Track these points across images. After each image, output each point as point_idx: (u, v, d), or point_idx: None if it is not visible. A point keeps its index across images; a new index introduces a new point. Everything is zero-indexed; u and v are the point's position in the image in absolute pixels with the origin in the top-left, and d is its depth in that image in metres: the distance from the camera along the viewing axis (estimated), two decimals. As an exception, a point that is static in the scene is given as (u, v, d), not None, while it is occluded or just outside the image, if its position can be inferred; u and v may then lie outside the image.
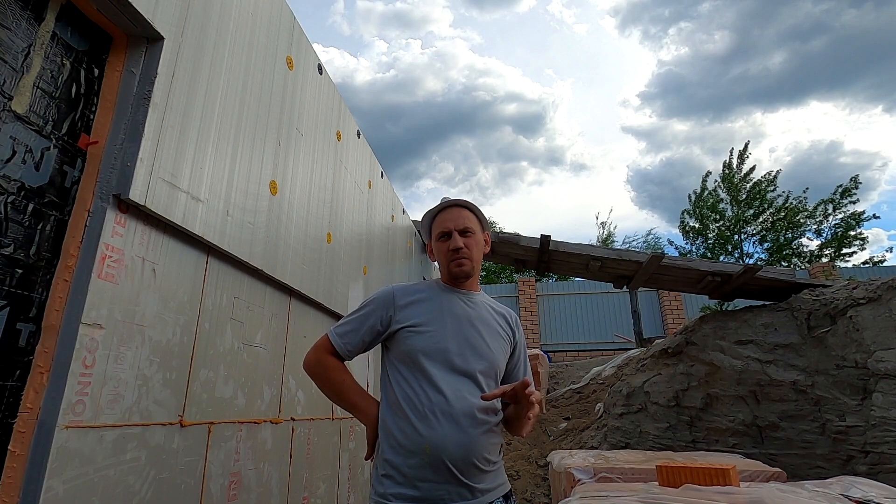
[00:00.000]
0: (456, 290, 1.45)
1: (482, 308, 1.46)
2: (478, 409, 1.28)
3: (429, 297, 1.42)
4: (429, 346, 1.32)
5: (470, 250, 1.43)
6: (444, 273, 1.47)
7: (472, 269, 1.44)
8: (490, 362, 1.37)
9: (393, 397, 1.31)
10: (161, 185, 1.53)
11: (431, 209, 1.54)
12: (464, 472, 1.22)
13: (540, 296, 12.05)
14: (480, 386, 1.32)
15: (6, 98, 1.25)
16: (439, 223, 1.48)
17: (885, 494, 1.54)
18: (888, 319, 2.99)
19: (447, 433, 1.23)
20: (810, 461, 3.10)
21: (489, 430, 1.31)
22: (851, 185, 12.24)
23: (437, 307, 1.39)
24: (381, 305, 1.39)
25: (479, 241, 1.49)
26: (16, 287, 1.25)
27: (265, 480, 2.10)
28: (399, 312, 1.38)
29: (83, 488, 1.26)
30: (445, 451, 1.22)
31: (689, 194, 14.21)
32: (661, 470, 1.72)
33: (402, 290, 1.42)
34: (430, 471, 1.21)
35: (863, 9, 33.06)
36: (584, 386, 5.91)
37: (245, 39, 2.07)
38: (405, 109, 56.87)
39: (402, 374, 1.32)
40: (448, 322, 1.36)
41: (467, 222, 1.46)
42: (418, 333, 1.33)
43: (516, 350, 1.52)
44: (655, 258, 3.83)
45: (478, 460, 1.25)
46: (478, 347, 1.36)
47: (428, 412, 1.25)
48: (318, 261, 2.67)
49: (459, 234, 1.43)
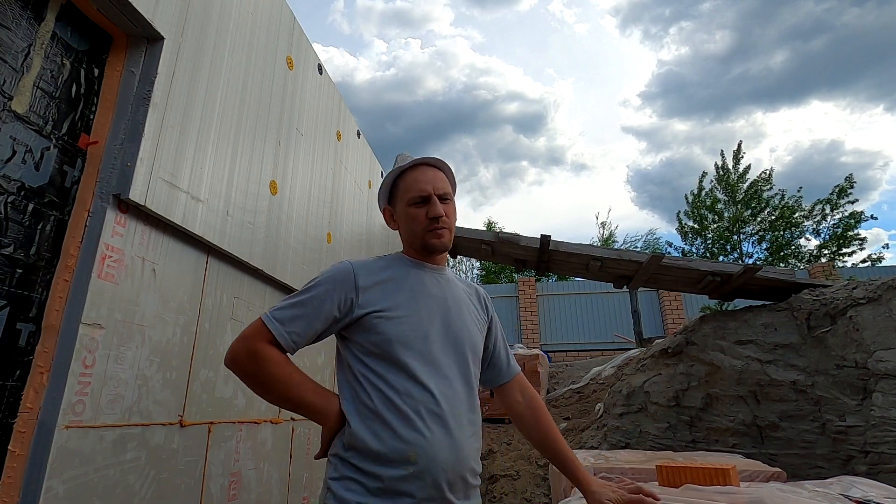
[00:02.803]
0: (426, 266, 1.24)
1: (455, 286, 1.28)
2: (466, 408, 1.13)
3: (396, 275, 1.19)
4: (405, 333, 1.10)
5: (449, 218, 1.22)
6: (414, 244, 1.24)
7: (450, 241, 1.24)
8: (474, 349, 1.22)
9: (361, 397, 1.08)
10: (161, 185, 1.53)
11: (395, 167, 1.27)
12: (452, 486, 1.05)
13: (540, 296, 12.05)
14: (468, 378, 1.17)
15: (6, 98, 1.25)
16: (412, 185, 1.22)
17: (885, 494, 1.54)
18: (888, 319, 2.99)
19: (436, 438, 1.04)
20: (810, 461, 3.10)
21: (475, 433, 1.15)
22: (846, 184, 12.23)
23: (408, 287, 1.18)
24: (339, 286, 1.12)
25: (455, 208, 1.27)
26: (16, 287, 1.25)
27: (265, 480, 2.10)
28: (362, 295, 1.13)
29: (83, 488, 1.26)
30: (435, 461, 1.03)
31: (685, 195, 14.22)
32: (661, 470, 1.72)
33: (363, 267, 1.17)
34: (414, 484, 1.01)
35: (864, 8, 33.13)
36: (584, 386, 5.91)
37: (245, 39, 2.07)
38: (405, 109, 56.89)
39: (373, 370, 1.09)
40: (423, 305, 1.16)
41: (446, 186, 1.25)
42: (389, 320, 1.11)
43: (492, 329, 1.36)
44: (655, 258, 3.83)
45: (468, 472, 1.09)
46: (460, 333, 1.19)
47: (412, 413, 1.04)
48: (318, 261, 2.67)
49: (439, 199, 1.21)
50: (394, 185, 1.27)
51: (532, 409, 1.35)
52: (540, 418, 1.34)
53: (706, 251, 13.30)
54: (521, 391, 1.38)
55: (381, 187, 1.31)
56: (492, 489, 3.83)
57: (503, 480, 3.87)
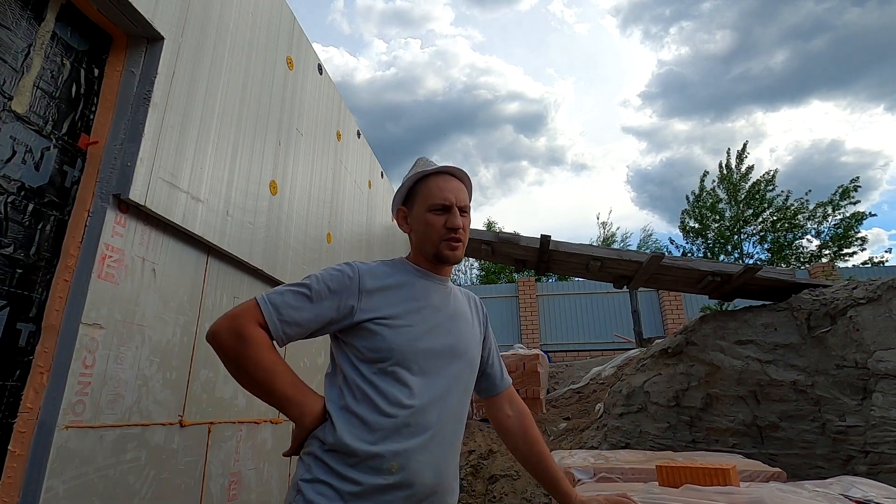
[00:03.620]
0: (432, 276, 1.21)
1: (457, 299, 1.27)
2: (455, 424, 1.12)
3: (402, 282, 1.16)
4: (404, 343, 1.07)
5: (465, 233, 1.21)
6: (425, 252, 1.20)
7: (463, 255, 1.22)
8: (472, 363, 1.21)
9: (349, 402, 1.05)
10: (161, 185, 1.53)
11: (420, 170, 1.23)
12: (429, 501, 1.03)
13: (540, 296, 12.05)
14: (462, 393, 1.16)
15: (6, 98, 1.25)
16: (435, 191, 1.19)
17: (885, 494, 1.54)
18: (888, 319, 2.99)
19: (421, 452, 1.02)
20: (810, 461, 3.10)
21: (457, 446, 1.14)
22: (851, 186, 12.23)
23: (414, 296, 1.15)
24: (343, 288, 1.09)
25: (470, 224, 1.26)
26: (16, 287, 1.25)
27: (265, 480, 2.10)
28: (365, 300, 1.09)
29: (83, 488, 1.26)
30: (416, 474, 1.01)
31: (686, 195, 14.23)
32: (661, 470, 1.72)
33: (368, 271, 1.13)
34: (392, 495, 0.98)
35: (865, 7, 33.14)
36: (584, 386, 5.91)
37: (245, 39, 2.07)
38: (405, 108, 56.90)
39: (366, 376, 1.06)
40: (425, 316, 1.13)
41: (467, 200, 1.23)
42: (390, 328, 1.08)
43: (487, 339, 1.35)
44: (655, 258, 3.83)
45: (447, 490, 1.08)
46: (460, 347, 1.17)
47: (400, 423, 1.02)
48: (318, 261, 2.67)
49: (459, 211, 1.18)
50: (413, 187, 1.24)
51: (521, 423, 1.34)
52: (528, 433, 1.32)
53: (707, 251, 13.30)
54: (511, 404, 1.36)
55: (400, 187, 1.27)
56: (492, 489, 3.83)
57: (503, 480, 3.87)
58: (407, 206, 1.25)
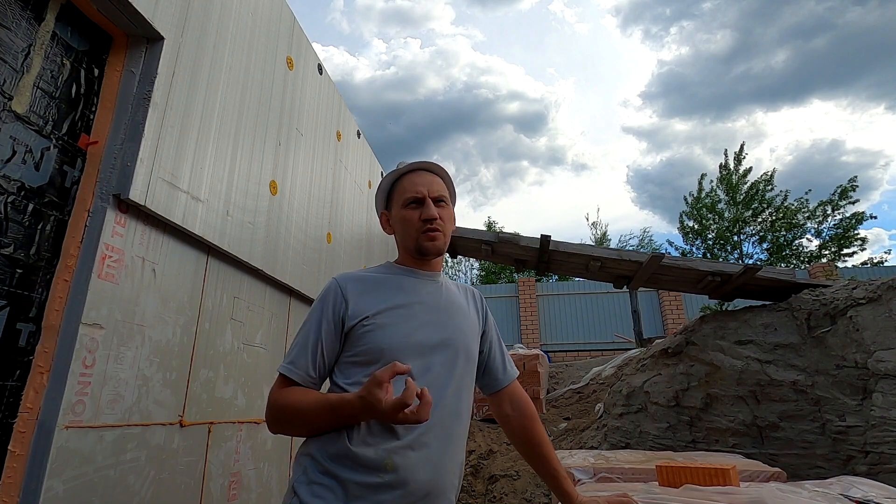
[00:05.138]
0: (418, 272, 1.21)
1: (450, 291, 1.25)
2: (453, 421, 1.09)
3: (385, 282, 1.17)
4: (395, 341, 1.06)
5: (444, 223, 1.19)
6: (407, 248, 1.21)
7: (444, 245, 1.21)
8: (468, 357, 1.18)
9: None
10: (161, 185, 1.53)
11: (393, 171, 1.25)
12: (428, 499, 1.01)
13: (540, 296, 12.04)
14: (459, 388, 1.13)
15: (6, 98, 1.25)
16: (407, 188, 1.20)
17: (885, 494, 1.53)
18: (888, 319, 2.99)
19: (416, 449, 1.01)
20: (810, 461, 3.10)
21: (460, 447, 1.11)
22: (849, 185, 12.24)
23: (399, 293, 1.15)
24: (329, 303, 1.11)
25: (452, 214, 1.25)
26: (16, 287, 1.25)
27: (265, 480, 2.10)
28: (351, 305, 1.10)
29: (83, 488, 1.26)
30: (412, 471, 0.99)
31: (685, 196, 14.23)
32: (661, 470, 1.72)
33: (348, 278, 1.15)
34: (389, 494, 0.97)
35: (866, 7, 33.09)
36: (584, 386, 5.91)
37: (245, 39, 2.07)
38: (405, 108, 56.92)
39: (360, 381, 1.03)
40: (414, 312, 1.13)
41: (442, 190, 1.22)
42: (380, 327, 1.07)
43: (487, 333, 1.32)
44: (655, 258, 3.83)
45: (447, 486, 1.06)
46: (453, 340, 1.14)
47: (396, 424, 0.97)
48: (318, 261, 2.67)
49: (434, 202, 1.19)
50: (391, 189, 1.26)
51: (523, 423, 1.31)
52: (530, 432, 1.30)
53: (707, 251, 13.30)
54: (513, 402, 1.34)
55: (377, 192, 1.29)
56: (492, 489, 3.83)
57: (503, 480, 3.87)
58: (388, 210, 1.28)
